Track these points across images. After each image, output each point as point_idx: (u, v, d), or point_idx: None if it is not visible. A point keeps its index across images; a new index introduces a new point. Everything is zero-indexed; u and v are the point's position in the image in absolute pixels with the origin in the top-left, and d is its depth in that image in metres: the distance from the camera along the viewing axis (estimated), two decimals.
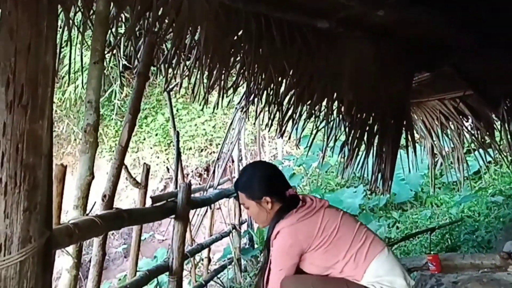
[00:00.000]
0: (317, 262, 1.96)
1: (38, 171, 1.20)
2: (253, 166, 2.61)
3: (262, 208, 2.06)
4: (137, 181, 2.38)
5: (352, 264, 1.92)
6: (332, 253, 1.94)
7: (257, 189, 2.08)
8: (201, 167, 10.50)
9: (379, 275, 1.91)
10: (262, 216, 2.09)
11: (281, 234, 1.95)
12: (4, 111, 1.15)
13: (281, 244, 1.96)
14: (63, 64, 8.72)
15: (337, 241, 1.94)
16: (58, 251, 1.64)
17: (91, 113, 1.80)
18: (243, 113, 3.90)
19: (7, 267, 1.14)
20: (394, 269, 1.94)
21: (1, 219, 1.14)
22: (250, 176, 2.15)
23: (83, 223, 1.66)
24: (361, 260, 1.93)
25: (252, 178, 2.13)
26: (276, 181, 2.13)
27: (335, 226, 1.96)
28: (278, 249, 1.97)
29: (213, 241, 4.14)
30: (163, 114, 11.03)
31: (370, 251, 1.95)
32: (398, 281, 1.92)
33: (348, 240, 1.95)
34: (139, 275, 2.39)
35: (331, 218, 1.99)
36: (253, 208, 2.09)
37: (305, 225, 1.95)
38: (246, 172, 2.24)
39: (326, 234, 1.94)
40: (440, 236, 4.72)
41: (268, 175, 2.13)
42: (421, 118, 4.62)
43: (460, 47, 3.27)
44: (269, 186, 2.08)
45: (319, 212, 2.00)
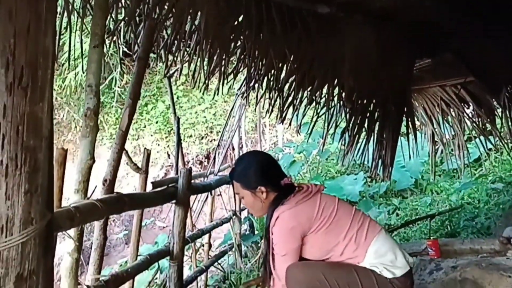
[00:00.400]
0: (318, 245, 1.97)
1: (38, 153, 1.20)
2: (248, 155, 2.61)
3: (257, 198, 2.07)
4: (138, 166, 2.39)
5: (353, 245, 1.93)
6: (332, 235, 1.94)
7: (252, 179, 2.08)
8: (202, 154, 10.51)
9: (380, 254, 1.92)
10: (256, 205, 2.10)
11: (281, 218, 1.95)
12: (4, 93, 1.15)
13: (283, 228, 1.95)
14: (63, 51, 8.69)
15: (337, 222, 1.95)
16: (60, 237, 1.65)
17: (91, 97, 1.80)
18: (243, 99, 3.89)
19: (9, 248, 1.14)
20: (393, 248, 1.96)
21: (2, 200, 1.14)
22: (245, 166, 2.15)
23: (84, 207, 1.67)
24: (362, 241, 1.93)
25: (247, 168, 2.13)
26: (271, 170, 2.13)
27: (333, 208, 1.97)
28: (280, 233, 1.96)
29: (214, 227, 4.16)
30: (164, 102, 11.01)
31: (369, 231, 1.96)
32: (399, 259, 1.93)
33: (347, 221, 1.96)
34: (140, 259, 2.41)
35: (328, 201, 2.01)
36: (248, 197, 2.10)
37: (305, 207, 1.96)
38: (242, 162, 2.25)
39: (325, 215, 1.95)
40: (439, 222, 4.74)
41: (263, 164, 2.14)
42: (422, 105, 4.60)
43: (462, 33, 3.25)
44: (264, 176, 2.08)
45: (316, 195, 2.01)
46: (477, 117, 4.49)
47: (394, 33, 3.28)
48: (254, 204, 2.10)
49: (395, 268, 1.91)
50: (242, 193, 2.12)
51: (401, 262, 1.94)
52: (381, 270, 1.91)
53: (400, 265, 1.93)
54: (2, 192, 1.14)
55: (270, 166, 2.16)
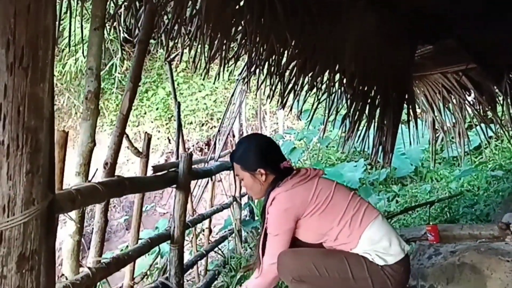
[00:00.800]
0: (312, 229, 1.99)
1: (40, 134, 1.20)
2: (248, 138, 2.63)
3: (256, 180, 2.10)
4: (139, 150, 2.39)
5: (346, 231, 1.94)
6: (326, 219, 1.96)
7: (251, 161, 2.10)
8: (202, 141, 10.52)
9: (374, 241, 1.93)
10: (256, 187, 2.12)
11: (277, 199, 1.98)
12: (4, 73, 1.14)
13: (277, 208, 1.99)
14: (63, 36, 8.65)
15: (332, 207, 1.96)
16: (61, 222, 1.67)
17: (92, 80, 1.80)
18: (244, 85, 3.88)
19: (11, 228, 1.15)
20: (388, 235, 1.96)
21: (4, 180, 1.14)
22: (245, 148, 2.17)
23: (85, 189, 1.68)
24: (356, 226, 1.94)
25: (247, 150, 2.15)
26: (270, 153, 2.15)
27: (329, 193, 1.98)
28: (274, 213, 2.00)
29: (214, 212, 4.18)
30: (164, 88, 10.99)
31: (364, 217, 1.96)
32: (392, 247, 1.94)
33: (342, 206, 1.97)
34: (141, 242, 2.42)
35: (325, 186, 2.02)
36: (247, 179, 2.12)
37: (300, 190, 1.98)
38: (242, 144, 2.25)
39: (320, 200, 1.96)
40: (439, 209, 4.76)
41: (263, 147, 2.15)
42: (423, 92, 4.59)
43: (464, 20, 3.23)
44: (264, 158, 2.10)
45: (313, 179, 2.03)
46: (478, 104, 4.49)
47: (396, 20, 3.26)
48: (253, 186, 2.12)
49: (387, 255, 1.92)
50: (241, 175, 2.14)
51: (395, 250, 1.94)
52: (373, 257, 1.92)
53: (393, 253, 1.93)
54: (3, 172, 1.14)
55: (270, 149, 2.18)
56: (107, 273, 1.97)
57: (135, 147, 2.32)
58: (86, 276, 1.78)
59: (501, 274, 2.21)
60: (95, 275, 1.82)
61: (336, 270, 1.93)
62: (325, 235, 1.99)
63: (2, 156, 1.14)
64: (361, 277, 1.91)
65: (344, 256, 1.95)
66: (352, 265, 1.92)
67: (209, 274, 3.80)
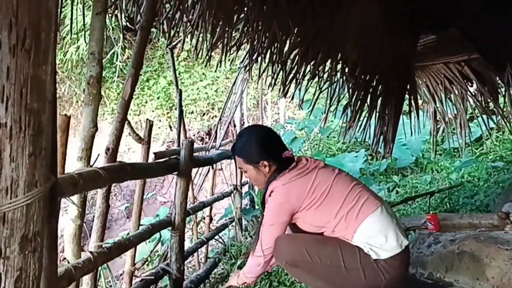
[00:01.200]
0: (310, 221, 2.02)
1: (42, 116, 1.20)
2: (248, 130, 2.61)
3: (260, 172, 2.11)
4: (140, 136, 2.39)
5: (343, 224, 1.95)
6: (323, 213, 1.98)
7: (254, 154, 2.10)
8: (203, 131, 10.52)
9: (368, 235, 1.94)
10: (260, 179, 2.13)
11: (274, 193, 2.02)
12: (7, 55, 1.14)
13: (274, 201, 2.02)
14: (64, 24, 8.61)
15: (328, 201, 1.97)
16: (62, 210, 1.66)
17: (94, 64, 1.79)
18: (246, 73, 3.87)
19: (14, 209, 1.15)
20: (385, 229, 1.95)
21: (7, 162, 1.15)
22: (246, 141, 2.16)
23: (87, 174, 1.68)
24: (352, 220, 1.95)
25: (248, 143, 2.14)
26: (272, 144, 2.15)
27: (327, 186, 1.99)
28: (270, 206, 2.05)
29: (215, 200, 4.19)
30: (165, 77, 10.97)
31: (362, 211, 1.96)
32: (389, 242, 1.93)
33: (340, 200, 1.97)
34: (142, 228, 2.44)
35: (324, 179, 2.01)
36: (251, 171, 2.13)
37: (296, 185, 2.00)
38: (242, 137, 2.25)
39: (316, 195, 1.97)
40: (439, 200, 4.77)
41: (264, 139, 2.15)
42: (425, 82, 4.58)
43: (467, 9, 3.21)
44: (266, 150, 2.10)
45: (311, 172, 2.03)
46: (480, 95, 4.47)
47: (399, 9, 3.24)
48: (257, 177, 2.14)
49: (382, 250, 1.92)
50: (245, 167, 2.15)
51: (391, 245, 1.93)
52: (368, 250, 1.93)
53: (388, 248, 1.92)
54: (6, 154, 1.15)
55: (271, 140, 2.17)
56: (109, 258, 1.98)
57: (136, 133, 2.32)
58: (87, 260, 1.79)
59: (500, 262, 2.23)
60: (96, 260, 1.84)
61: (328, 257, 1.95)
62: (323, 227, 2.01)
63: (4, 138, 1.14)
64: (353, 267, 1.93)
65: (338, 245, 1.97)
66: (345, 254, 1.94)
67: (209, 262, 3.82)
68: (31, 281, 1.20)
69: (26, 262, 1.18)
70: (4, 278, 1.15)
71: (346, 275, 1.96)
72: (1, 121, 1.14)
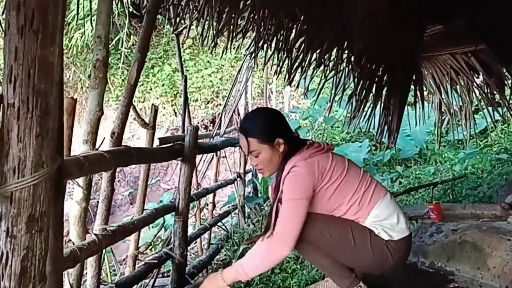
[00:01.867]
0: (323, 203, 1.96)
1: (49, 97, 1.21)
2: (258, 111, 2.59)
3: (275, 152, 2.00)
4: (145, 121, 2.40)
5: (356, 207, 1.95)
6: (339, 195, 1.95)
7: (270, 132, 2.01)
8: (207, 119, 10.53)
9: (381, 218, 1.95)
10: (274, 160, 2.02)
11: (297, 167, 1.91)
12: (15, 35, 1.15)
13: (298, 175, 1.91)
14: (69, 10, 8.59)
15: (345, 182, 1.95)
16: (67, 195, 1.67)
17: (100, 48, 1.80)
18: (251, 60, 3.86)
19: (21, 189, 1.17)
20: (396, 212, 1.98)
21: (15, 142, 1.16)
22: (259, 120, 2.06)
23: (93, 156, 1.70)
24: (365, 204, 1.95)
25: (262, 121, 2.05)
26: (284, 122, 2.10)
27: (344, 168, 1.97)
28: (295, 180, 1.91)
29: (218, 186, 4.21)
30: (170, 65, 10.96)
31: (374, 195, 1.97)
32: (399, 224, 1.96)
33: (355, 183, 1.97)
34: (146, 213, 2.46)
35: (339, 161, 2.00)
36: (266, 152, 2.00)
37: (318, 160, 1.94)
38: (253, 117, 2.15)
39: (336, 174, 1.94)
40: (442, 191, 4.76)
41: (276, 117, 2.10)
42: (431, 72, 4.55)
43: None
44: (280, 128, 2.04)
45: (328, 152, 2.01)
46: (487, 87, 4.45)
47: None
48: (271, 159, 2.01)
49: (393, 231, 1.94)
50: (259, 149, 2.00)
51: (401, 227, 1.96)
52: (379, 231, 1.94)
53: (399, 230, 1.95)
54: (14, 134, 1.16)
55: (282, 119, 2.12)
56: (113, 240, 2.01)
57: (141, 118, 2.33)
58: (92, 242, 1.81)
59: (502, 252, 2.24)
60: (101, 242, 1.86)
61: (339, 235, 1.94)
62: (334, 210, 1.98)
63: (12, 118, 1.16)
64: (362, 246, 1.93)
65: (349, 225, 1.96)
66: (355, 233, 1.94)
67: (212, 248, 3.85)
68: (37, 260, 1.22)
69: (32, 241, 1.20)
70: (11, 257, 1.16)
71: (355, 253, 1.96)
72: (9, 101, 1.15)
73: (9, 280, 1.15)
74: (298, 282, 2.59)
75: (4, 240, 1.15)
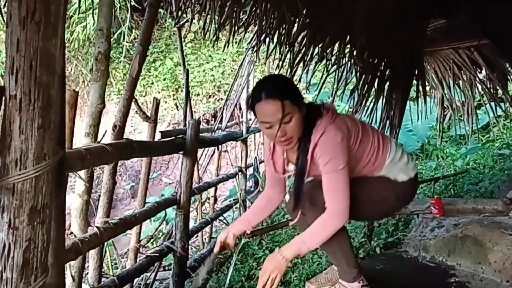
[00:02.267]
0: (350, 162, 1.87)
1: (51, 89, 1.21)
2: (272, 76, 2.39)
3: (301, 115, 1.80)
4: (147, 115, 2.40)
5: (373, 159, 1.94)
6: (360, 150, 1.91)
7: (298, 91, 1.83)
8: (209, 113, 10.52)
9: (396, 160, 1.97)
10: (301, 125, 1.81)
11: (328, 133, 1.78)
12: (17, 27, 1.14)
13: (333, 141, 1.78)
14: (71, 3, 8.58)
15: (363, 138, 1.91)
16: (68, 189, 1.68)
17: (102, 41, 1.80)
18: (253, 54, 3.85)
19: (23, 181, 1.17)
20: (404, 153, 2.02)
21: (17, 134, 1.16)
22: (282, 81, 1.87)
23: (95, 149, 1.70)
24: (380, 154, 1.94)
25: (287, 82, 1.86)
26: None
27: (357, 123, 1.94)
28: (332, 147, 1.78)
29: (220, 180, 4.22)
30: (172, 59, 10.94)
31: (384, 141, 1.97)
32: (409, 163, 2.00)
33: (369, 135, 1.94)
34: (147, 206, 2.46)
35: (351, 119, 1.98)
36: (297, 115, 1.78)
37: (341, 119, 1.87)
38: (276, 79, 1.92)
39: (355, 132, 1.88)
40: (443, 186, 4.76)
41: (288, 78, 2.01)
42: (434, 67, 4.54)
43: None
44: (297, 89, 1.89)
45: (343, 114, 2.00)
46: (489, 82, 4.43)
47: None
48: (300, 123, 1.80)
49: (407, 170, 1.99)
50: (293, 111, 1.76)
51: (411, 165, 2.02)
52: (396, 175, 1.96)
53: (410, 167, 2.00)
54: (16, 126, 1.16)
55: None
56: (115, 233, 2.01)
57: (143, 111, 2.33)
58: (94, 234, 1.82)
59: (503, 247, 2.24)
60: (103, 234, 1.87)
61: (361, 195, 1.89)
62: (356, 166, 1.93)
63: (14, 110, 1.15)
64: (386, 197, 1.96)
65: (365, 181, 1.95)
66: (377, 187, 1.95)
67: (213, 241, 3.85)
68: (39, 252, 1.22)
69: (34, 233, 1.20)
70: (13, 248, 1.17)
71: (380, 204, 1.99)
72: (11, 93, 1.15)
73: (11, 272, 1.15)
74: (299, 276, 2.60)
75: (6, 232, 1.15)
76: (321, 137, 1.78)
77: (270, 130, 1.79)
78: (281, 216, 4.17)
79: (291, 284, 2.56)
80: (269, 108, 1.74)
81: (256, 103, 1.77)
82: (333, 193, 1.79)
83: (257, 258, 3.15)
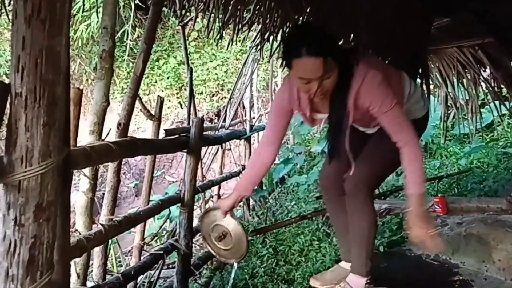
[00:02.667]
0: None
1: (57, 87, 1.22)
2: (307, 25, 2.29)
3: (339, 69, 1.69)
4: (151, 113, 2.41)
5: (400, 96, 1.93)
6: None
7: (337, 45, 1.76)
8: (212, 111, 10.53)
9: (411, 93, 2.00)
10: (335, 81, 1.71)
11: (371, 76, 1.72)
12: (23, 25, 1.15)
13: (377, 81, 1.72)
14: (75, 1, 8.59)
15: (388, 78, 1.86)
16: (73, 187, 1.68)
17: (106, 39, 1.80)
18: (256, 52, 3.85)
19: (28, 178, 1.18)
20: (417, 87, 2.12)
21: (22, 131, 1.16)
22: (323, 34, 1.67)
23: (99, 147, 1.71)
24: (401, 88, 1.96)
25: (327, 35, 1.68)
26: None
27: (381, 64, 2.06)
28: (377, 87, 1.72)
29: (223, 179, 4.23)
30: (175, 58, 10.95)
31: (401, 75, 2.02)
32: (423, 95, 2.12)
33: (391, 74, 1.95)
34: (151, 204, 2.47)
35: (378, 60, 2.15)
36: (337, 71, 1.67)
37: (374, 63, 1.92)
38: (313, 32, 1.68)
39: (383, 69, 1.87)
40: (447, 185, 4.75)
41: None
42: (438, 66, 4.53)
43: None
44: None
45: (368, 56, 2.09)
46: (493, 81, 4.42)
47: None
48: (337, 76, 1.69)
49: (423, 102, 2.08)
50: (333, 68, 1.65)
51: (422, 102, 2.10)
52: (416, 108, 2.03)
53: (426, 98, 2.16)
54: (21, 124, 1.17)
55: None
56: (119, 231, 2.02)
57: (147, 109, 2.34)
58: (99, 232, 1.83)
59: (507, 245, 2.23)
60: (107, 232, 1.87)
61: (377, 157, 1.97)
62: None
63: (20, 108, 1.16)
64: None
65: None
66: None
67: None
68: (45, 249, 1.23)
69: (40, 230, 1.21)
70: (19, 245, 1.17)
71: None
72: (16, 91, 1.16)
73: (17, 268, 1.16)
74: (303, 274, 2.60)
75: (12, 229, 1.16)
76: (364, 82, 1.71)
77: (307, 86, 1.67)
78: (284, 214, 4.18)
79: (294, 282, 2.57)
80: (310, 66, 1.61)
81: (295, 58, 1.62)
82: (398, 127, 1.75)
83: (260, 256, 3.15)
